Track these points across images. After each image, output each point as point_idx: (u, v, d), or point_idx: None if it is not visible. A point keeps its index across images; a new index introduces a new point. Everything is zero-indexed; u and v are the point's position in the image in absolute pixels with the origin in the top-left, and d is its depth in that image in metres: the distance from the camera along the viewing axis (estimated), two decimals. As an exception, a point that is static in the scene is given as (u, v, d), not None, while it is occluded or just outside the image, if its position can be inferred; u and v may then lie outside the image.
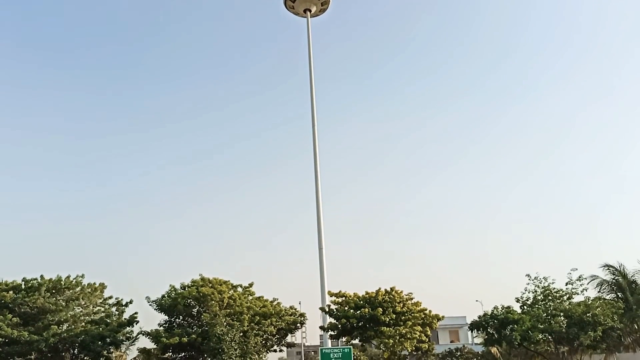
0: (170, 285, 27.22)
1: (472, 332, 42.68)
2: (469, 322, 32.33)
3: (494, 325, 26.82)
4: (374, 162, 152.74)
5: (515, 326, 25.48)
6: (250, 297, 28.02)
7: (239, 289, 28.27)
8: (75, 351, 26.64)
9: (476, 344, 63.42)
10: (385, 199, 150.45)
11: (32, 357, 26.02)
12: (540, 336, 26.27)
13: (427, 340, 26.81)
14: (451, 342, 68.02)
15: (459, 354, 55.46)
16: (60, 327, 25.72)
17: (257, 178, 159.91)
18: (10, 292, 25.96)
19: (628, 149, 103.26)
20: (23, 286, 26.79)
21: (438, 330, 59.68)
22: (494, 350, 50.08)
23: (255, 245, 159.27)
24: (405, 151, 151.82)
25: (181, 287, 26.87)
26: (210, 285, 26.45)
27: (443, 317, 27.86)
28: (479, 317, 28.13)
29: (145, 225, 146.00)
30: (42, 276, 27.28)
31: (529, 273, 27.98)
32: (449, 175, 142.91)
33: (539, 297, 27.27)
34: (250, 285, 28.85)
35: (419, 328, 25.63)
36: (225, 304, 25.74)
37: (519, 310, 27.30)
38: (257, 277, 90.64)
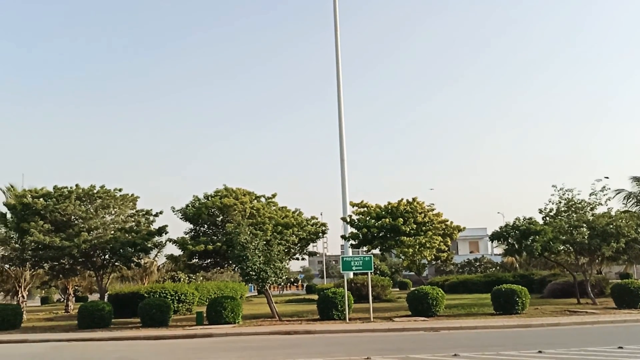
0: (194, 196, 27.68)
1: (492, 243, 43.22)
2: (489, 233, 32.59)
3: (515, 236, 26.90)
4: (395, 66, 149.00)
5: (537, 237, 25.52)
6: (273, 208, 28.39)
7: (262, 200, 28.62)
8: (106, 256, 27.73)
9: (495, 254, 64.70)
10: (405, 107, 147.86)
11: (65, 261, 27.18)
12: (561, 247, 26.35)
13: (447, 250, 27.14)
14: (470, 252, 69.47)
15: (477, 263, 56.86)
16: (91, 234, 26.55)
17: (278, 87, 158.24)
18: (41, 199, 26.62)
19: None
20: (54, 194, 27.38)
21: (458, 241, 60.81)
22: (512, 259, 51.00)
23: (277, 157, 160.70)
24: (428, 53, 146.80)
25: (204, 197, 27.28)
26: (234, 195, 26.75)
27: (464, 228, 28.01)
28: (500, 228, 28.21)
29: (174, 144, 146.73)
30: (77, 185, 27.87)
31: (554, 184, 27.64)
32: (474, 78, 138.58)
33: (562, 209, 27.06)
34: (273, 195, 29.16)
35: (439, 238, 25.87)
36: (248, 214, 26.16)
37: (541, 222, 27.23)
38: (279, 188, 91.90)
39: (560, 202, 27.24)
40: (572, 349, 13.10)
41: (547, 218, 27.32)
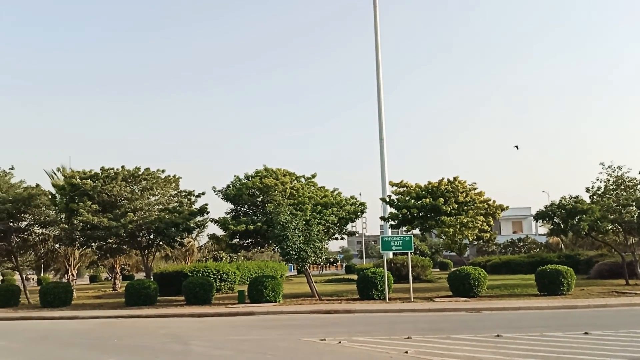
0: (234, 176, 27.97)
1: (536, 222, 42.18)
2: (533, 213, 31.79)
3: (560, 215, 26.18)
4: (437, 46, 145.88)
5: (584, 216, 24.75)
6: (313, 188, 28.41)
7: (302, 180, 28.68)
8: (151, 236, 28.45)
9: (540, 234, 63.22)
10: (447, 88, 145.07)
11: (112, 241, 28.03)
12: (609, 226, 25.50)
13: (489, 230, 26.61)
14: (514, 232, 68.02)
15: (521, 243, 55.66)
16: (137, 214, 27.24)
17: (317, 69, 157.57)
18: (89, 180, 27.43)
19: None
20: (101, 175, 28.17)
21: (501, 221, 59.53)
22: (557, 240, 49.68)
23: (317, 136, 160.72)
24: (469, 35, 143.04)
25: (245, 178, 27.53)
26: (274, 176, 26.89)
27: (507, 207, 27.36)
28: (545, 207, 27.47)
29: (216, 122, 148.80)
30: (122, 167, 28.59)
31: (603, 162, 26.63)
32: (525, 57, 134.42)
33: (611, 187, 26.09)
34: (313, 176, 29.16)
35: (481, 218, 25.35)
36: (288, 194, 26.27)
37: (588, 201, 26.37)
38: (319, 168, 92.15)
39: (608, 180, 26.27)
40: (620, 330, 12.70)
41: (595, 197, 26.44)
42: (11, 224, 27.69)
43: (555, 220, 27.01)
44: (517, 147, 51.41)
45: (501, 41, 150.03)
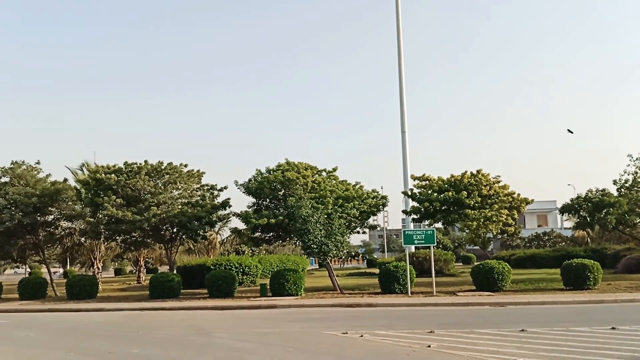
0: (256, 169, 28.04)
1: (562, 216, 41.46)
2: (559, 206, 31.26)
3: (587, 208, 25.70)
4: (461, 37, 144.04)
5: (611, 209, 24.25)
6: (334, 181, 28.35)
7: (323, 174, 28.63)
8: (174, 230, 28.75)
9: (565, 228, 62.17)
10: (467, 76, 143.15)
11: (136, 235, 28.40)
12: (637, 220, 24.92)
13: (514, 223, 26.24)
14: (539, 226, 67.05)
15: (546, 237, 54.81)
16: (160, 208, 27.54)
17: (339, 61, 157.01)
18: (113, 175, 27.81)
19: None
20: (124, 169, 28.53)
21: (525, 214, 58.71)
22: (583, 233, 48.78)
23: (338, 130, 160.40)
24: (495, 26, 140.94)
25: (267, 171, 27.59)
26: (296, 169, 26.90)
27: (532, 200, 26.93)
28: (571, 200, 26.98)
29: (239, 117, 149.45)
30: (145, 161, 28.92)
31: (631, 154, 26.01)
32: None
33: (639, 179, 25.49)
34: (334, 169, 29.08)
35: (506, 211, 25.00)
36: (309, 188, 26.26)
37: (616, 194, 25.80)
38: (340, 161, 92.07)
39: (636, 173, 25.66)
40: (650, 326, 12.41)
41: (622, 189, 25.85)
42: (38, 218, 28.24)
43: (581, 213, 26.54)
44: (570, 131, 46.01)
45: (528, 32, 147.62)
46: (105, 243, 32.89)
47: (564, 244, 52.35)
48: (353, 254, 76.12)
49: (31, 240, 29.34)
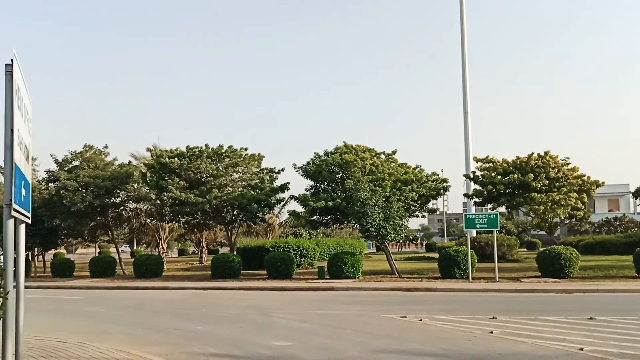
0: (314, 153, 28.08)
1: (635, 200, 39.16)
2: (632, 190, 29.51)
3: (664, 192, 24.08)
4: (525, 14, 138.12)
5: (692, 194, 22.61)
6: (393, 164, 27.97)
7: (382, 156, 28.30)
8: (234, 212, 29.35)
9: (638, 213, 58.83)
10: (531, 55, 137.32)
11: (198, 216, 29.21)
12: None
13: (583, 207, 25.01)
14: (609, 211, 63.70)
15: (617, 222, 52.04)
16: (221, 191, 28.16)
17: (399, 41, 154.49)
18: (176, 158, 28.63)
19: None
20: (186, 153, 29.31)
21: (595, 198, 55.88)
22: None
23: (398, 112, 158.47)
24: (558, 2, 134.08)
25: (325, 154, 27.56)
26: (354, 152, 26.71)
27: (603, 183, 25.58)
28: (646, 183, 25.37)
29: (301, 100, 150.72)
30: (206, 145, 29.61)
31: None
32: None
33: None
34: (394, 152, 28.67)
35: (575, 195, 23.85)
36: (367, 171, 26.04)
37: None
38: (400, 144, 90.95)
39: None
40: None
41: None
42: (107, 200, 29.55)
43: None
44: None
45: (590, 10, 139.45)
46: (169, 224, 34.05)
47: (636, 229, 49.56)
48: (411, 238, 75.36)
49: (101, 221, 30.76)
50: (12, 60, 5.18)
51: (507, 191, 24.74)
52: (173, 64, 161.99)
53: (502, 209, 27.70)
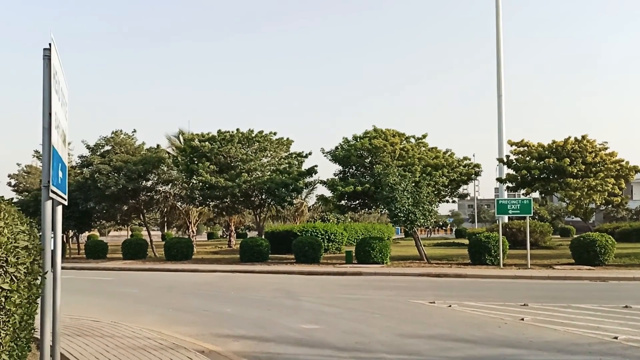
0: (343, 138, 27.91)
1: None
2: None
3: None
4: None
5: None
6: (423, 149, 27.62)
7: (412, 141, 27.96)
8: (263, 196, 29.50)
9: (678, 200, 56.86)
10: (566, 39, 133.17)
11: (227, 200, 29.47)
12: None
13: (620, 193, 24.27)
14: (647, 197, 61.72)
15: (656, 210, 50.47)
16: (250, 175, 28.32)
17: (432, 23, 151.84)
18: (207, 143, 28.87)
19: None
20: (217, 137, 29.52)
21: (634, 184, 54.20)
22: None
23: (429, 95, 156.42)
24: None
25: (354, 139, 27.36)
26: (383, 137, 26.46)
27: (642, 168, 24.72)
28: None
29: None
30: (237, 129, 29.77)
31: None
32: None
33: None
34: (424, 136, 28.28)
35: (612, 180, 23.14)
36: (397, 155, 25.78)
37: None
38: (431, 128, 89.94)
39: None
40: None
41: None
42: (139, 183, 30.04)
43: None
44: None
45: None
46: (199, 208, 34.46)
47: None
48: (441, 223, 74.67)
49: (133, 204, 31.34)
50: (49, 44, 5.22)
51: (542, 176, 24.16)
52: (217, 48, 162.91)
53: (536, 194, 27.08)
